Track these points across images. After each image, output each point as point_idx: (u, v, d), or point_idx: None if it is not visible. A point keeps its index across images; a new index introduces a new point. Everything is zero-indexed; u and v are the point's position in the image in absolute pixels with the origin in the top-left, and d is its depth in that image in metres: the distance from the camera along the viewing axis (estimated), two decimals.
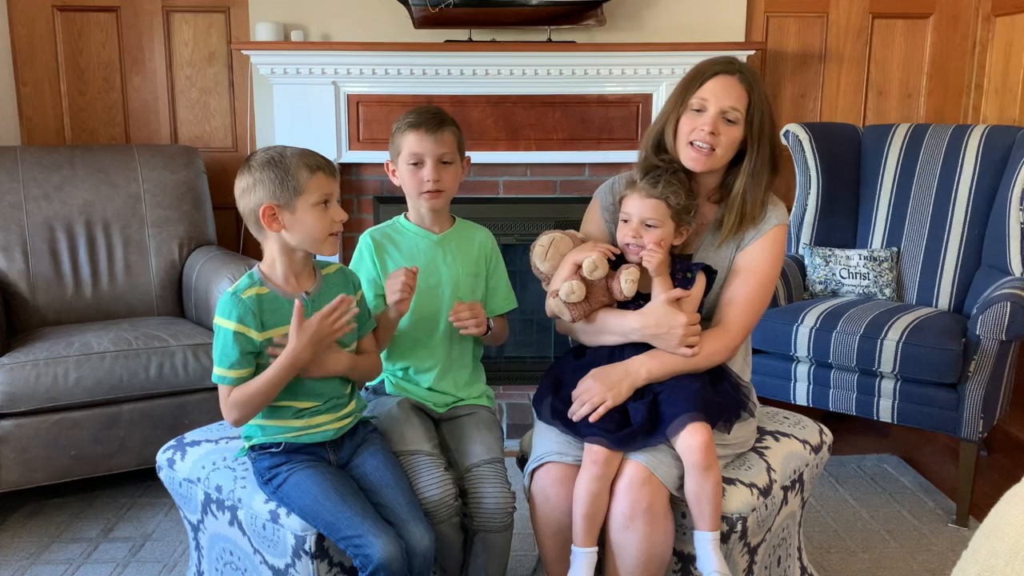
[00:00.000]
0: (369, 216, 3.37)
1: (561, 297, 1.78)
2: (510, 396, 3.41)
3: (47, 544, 2.44)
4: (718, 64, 1.81)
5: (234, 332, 1.61)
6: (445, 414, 1.93)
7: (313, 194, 1.62)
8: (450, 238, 1.94)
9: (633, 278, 1.75)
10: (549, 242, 1.84)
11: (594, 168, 3.32)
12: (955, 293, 2.91)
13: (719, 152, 1.79)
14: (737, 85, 1.79)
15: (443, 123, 1.85)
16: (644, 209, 1.76)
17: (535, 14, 3.15)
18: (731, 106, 1.77)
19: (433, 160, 1.83)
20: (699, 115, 1.79)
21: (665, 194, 1.75)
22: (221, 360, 1.63)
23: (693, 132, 1.79)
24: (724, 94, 1.78)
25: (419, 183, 1.85)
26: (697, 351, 1.74)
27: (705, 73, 1.81)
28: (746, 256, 1.84)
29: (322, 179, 1.63)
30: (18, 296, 2.83)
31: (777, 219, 1.85)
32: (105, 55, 3.39)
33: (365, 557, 1.55)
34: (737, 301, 1.82)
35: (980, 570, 0.97)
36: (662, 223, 1.76)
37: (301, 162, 1.63)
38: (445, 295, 1.90)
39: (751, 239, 1.84)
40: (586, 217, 1.98)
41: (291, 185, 1.62)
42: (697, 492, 1.64)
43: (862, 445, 3.13)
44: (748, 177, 1.81)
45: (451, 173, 1.87)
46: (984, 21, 3.43)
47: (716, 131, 1.77)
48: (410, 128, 1.84)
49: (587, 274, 1.76)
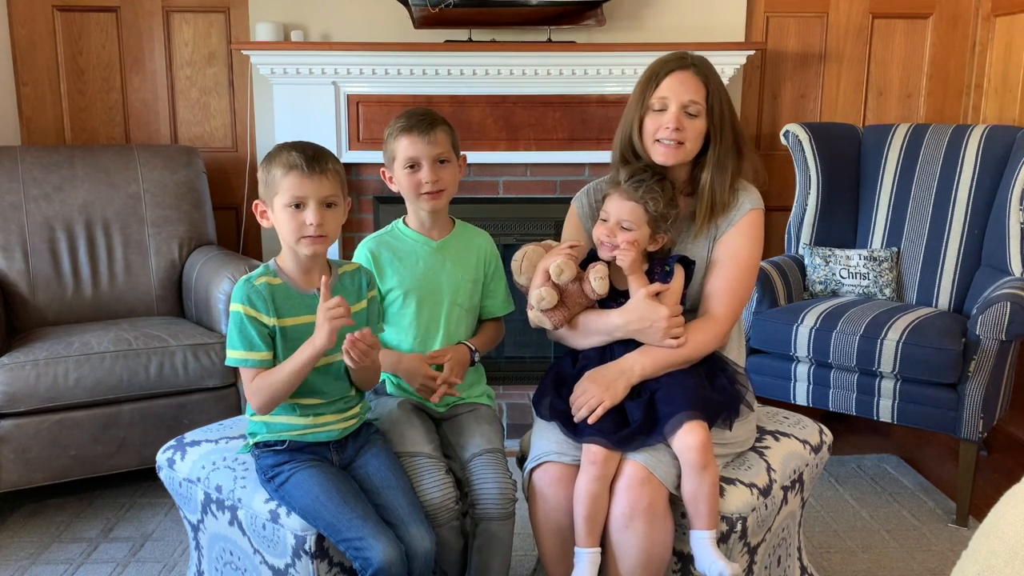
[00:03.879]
0: (369, 216, 3.37)
1: (534, 306, 1.79)
2: (510, 396, 3.40)
3: (47, 544, 2.44)
4: (671, 61, 1.84)
5: (244, 314, 1.62)
6: (446, 413, 1.93)
7: (284, 194, 1.62)
8: (450, 244, 1.92)
9: (602, 275, 1.76)
10: (522, 255, 1.85)
11: (594, 168, 3.31)
12: (955, 293, 2.91)
13: (688, 145, 1.81)
14: (693, 78, 1.81)
15: (434, 124, 1.83)
16: (622, 211, 1.77)
17: (535, 14, 3.15)
18: (690, 100, 1.80)
19: (429, 161, 1.82)
20: (661, 114, 1.81)
21: (644, 199, 1.76)
22: (235, 343, 1.63)
23: (658, 131, 1.81)
24: (682, 89, 1.80)
25: (417, 185, 1.83)
26: (683, 342, 1.75)
27: (659, 72, 1.83)
28: (724, 244, 1.85)
29: (295, 180, 1.61)
30: (18, 296, 2.83)
31: (751, 204, 1.86)
32: (105, 55, 3.39)
33: (365, 560, 1.55)
34: (720, 289, 1.83)
35: (980, 570, 0.97)
36: (638, 227, 1.76)
37: (283, 160, 1.62)
38: (445, 302, 1.90)
39: (726, 227, 1.85)
40: (565, 224, 1.99)
41: (270, 183, 1.64)
42: (694, 491, 1.64)
43: (862, 445, 3.13)
44: (714, 166, 1.83)
45: (449, 172, 1.86)
46: (984, 21, 3.43)
47: (681, 126, 1.79)
48: (402, 132, 1.82)
49: (555, 278, 1.77)
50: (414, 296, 1.88)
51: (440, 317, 1.90)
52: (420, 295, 1.87)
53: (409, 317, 1.88)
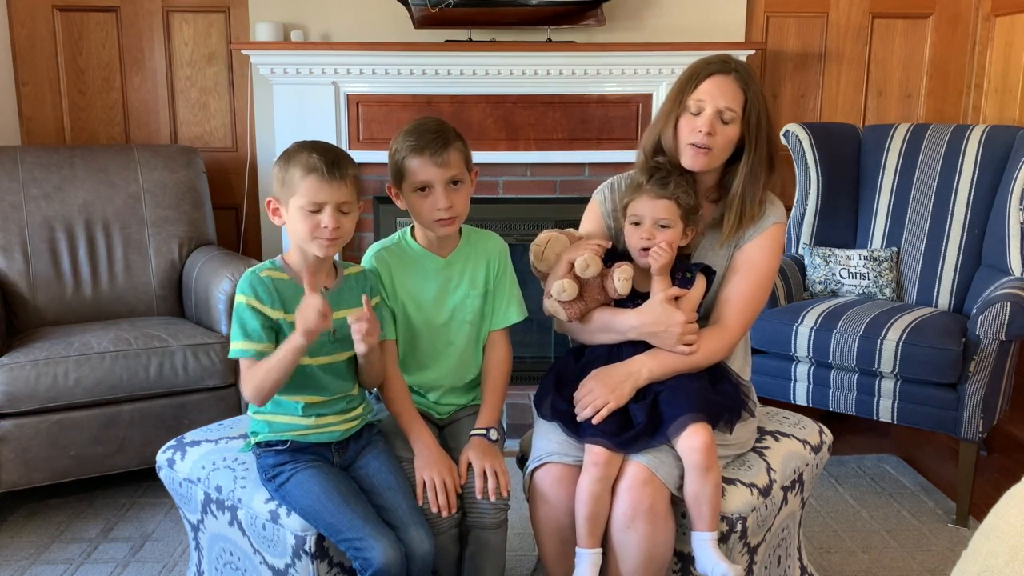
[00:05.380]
0: (369, 216, 3.36)
1: (553, 296, 1.78)
2: (510, 396, 3.37)
3: (47, 544, 2.44)
4: (713, 64, 1.80)
5: (246, 304, 1.62)
6: (447, 418, 1.92)
7: (301, 197, 1.61)
8: (458, 259, 1.85)
9: (626, 276, 1.75)
10: (545, 241, 1.83)
11: (594, 168, 3.32)
12: (955, 293, 2.91)
13: (716, 152, 1.79)
14: (733, 84, 1.78)
15: (447, 143, 1.72)
16: (656, 209, 1.75)
17: (535, 14, 3.15)
18: (727, 106, 1.76)
19: (442, 186, 1.71)
20: (696, 117, 1.78)
21: (676, 194, 1.75)
22: (236, 334, 1.63)
23: (691, 133, 1.78)
24: (720, 94, 1.77)
25: (431, 211, 1.73)
26: (695, 349, 1.75)
27: (700, 73, 1.79)
28: (744, 254, 1.84)
29: (314, 183, 1.59)
30: (18, 296, 2.83)
31: (775, 218, 1.85)
32: (105, 55, 3.39)
33: (365, 560, 1.55)
34: (735, 299, 1.82)
35: (980, 570, 0.97)
36: (674, 223, 1.76)
37: (302, 162, 1.61)
38: (450, 321, 1.86)
39: (749, 237, 1.84)
40: (585, 216, 1.97)
41: (288, 183, 1.63)
42: (697, 493, 1.64)
43: (862, 445, 3.12)
44: (746, 176, 1.80)
45: (462, 195, 1.76)
46: (984, 21, 3.43)
47: (713, 131, 1.76)
48: (413, 153, 1.71)
49: (579, 272, 1.76)
50: (422, 314, 1.84)
51: (448, 333, 1.86)
52: (428, 314, 1.84)
53: (416, 332, 1.85)
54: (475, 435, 1.79)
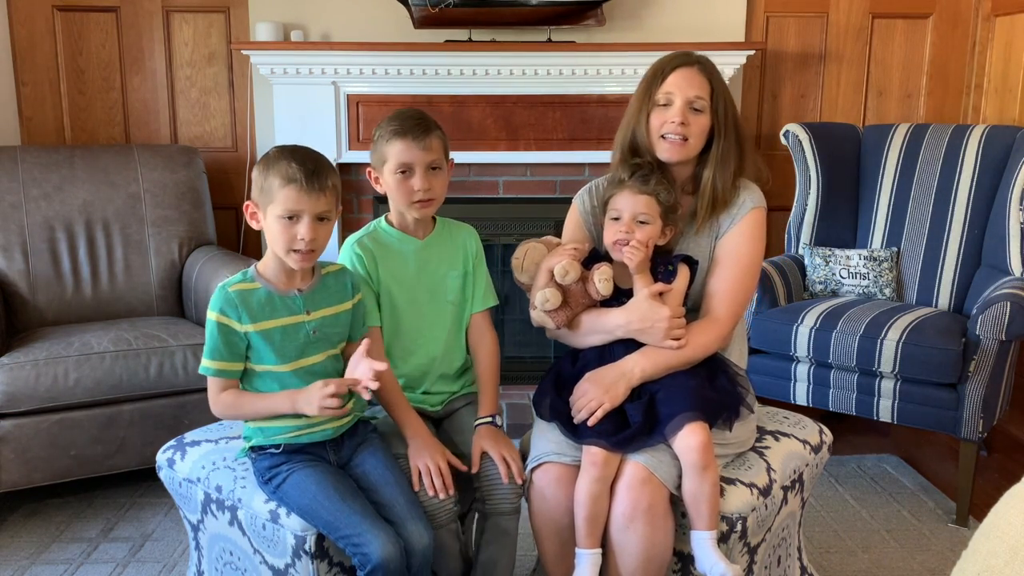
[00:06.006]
0: (369, 216, 3.36)
1: (538, 307, 1.79)
2: (510, 396, 3.40)
3: (47, 544, 2.44)
4: (676, 58, 1.85)
5: (216, 322, 1.63)
6: (442, 411, 1.93)
7: (279, 206, 1.60)
8: (434, 242, 1.90)
9: (606, 276, 1.76)
10: (523, 253, 1.85)
11: (594, 168, 3.31)
12: (955, 293, 2.91)
13: (692, 141, 1.82)
14: (698, 75, 1.83)
15: (429, 129, 1.79)
16: (636, 204, 1.77)
17: (535, 14, 3.15)
18: (696, 95, 1.81)
19: (422, 168, 1.78)
20: (667, 109, 1.82)
21: (656, 190, 1.77)
22: (206, 350, 1.65)
23: (664, 125, 1.82)
24: (687, 85, 1.81)
25: (409, 192, 1.79)
26: (683, 344, 1.75)
27: (665, 68, 1.84)
28: (726, 243, 1.85)
29: (291, 193, 1.59)
30: (18, 296, 2.83)
31: (753, 202, 1.87)
32: (105, 55, 3.39)
33: (363, 556, 1.55)
34: (722, 290, 1.83)
35: (980, 570, 0.97)
36: (653, 220, 1.77)
37: (281, 172, 1.59)
38: (435, 300, 1.89)
39: (728, 226, 1.86)
40: (566, 223, 1.99)
41: (266, 190, 1.62)
42: (695, 492, 1.64)
43: (862, 445, 3.13)
44: (717, 162, 1.84)
45: (440, 180, 1.82)
46: (984, 21, 3.43)
47: (686, 121, 1.80)
48: (395, 136, 1.78)
49: (559, 279, 1.77)
50: (405, 296, 1.86)
51: (432, 315, 1.89)
52: (411, 295, 1.86)
53: (400, 316, 1.87)
54: (482, 424, 1.82)
